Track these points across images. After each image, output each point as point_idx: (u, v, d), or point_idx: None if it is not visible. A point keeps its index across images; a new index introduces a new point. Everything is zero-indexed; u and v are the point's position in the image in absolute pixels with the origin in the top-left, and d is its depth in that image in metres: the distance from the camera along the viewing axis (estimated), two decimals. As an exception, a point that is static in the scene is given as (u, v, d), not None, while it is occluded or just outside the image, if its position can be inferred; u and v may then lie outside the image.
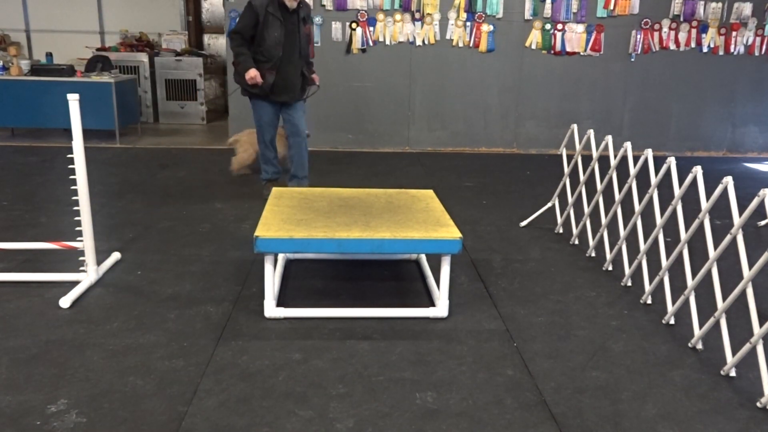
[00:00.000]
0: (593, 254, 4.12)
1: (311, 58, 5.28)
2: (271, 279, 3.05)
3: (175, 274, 3.62)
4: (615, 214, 3.83)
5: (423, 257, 3.81)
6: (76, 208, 3.40)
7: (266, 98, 4.83)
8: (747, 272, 2.58)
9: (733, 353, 2.67)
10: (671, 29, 7.70)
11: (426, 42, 7.59)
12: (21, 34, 10.32)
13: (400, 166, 6.89)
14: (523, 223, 4.76)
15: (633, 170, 3.58)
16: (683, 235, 3.08)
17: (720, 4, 7.67)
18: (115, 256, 3.77)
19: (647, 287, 3.39)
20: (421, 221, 3.18)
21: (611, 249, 3.90)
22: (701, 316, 3.01)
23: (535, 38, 7.64)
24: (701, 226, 2.95)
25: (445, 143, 7.93)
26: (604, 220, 3.94)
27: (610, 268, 3.88)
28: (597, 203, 4.06)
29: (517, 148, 8.01)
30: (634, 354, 2.85)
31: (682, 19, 7.69)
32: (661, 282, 3.28)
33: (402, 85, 7.72)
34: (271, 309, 3.08)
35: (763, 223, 4.84)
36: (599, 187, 3.95)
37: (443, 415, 2.35)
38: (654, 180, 3.38)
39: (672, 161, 3.27)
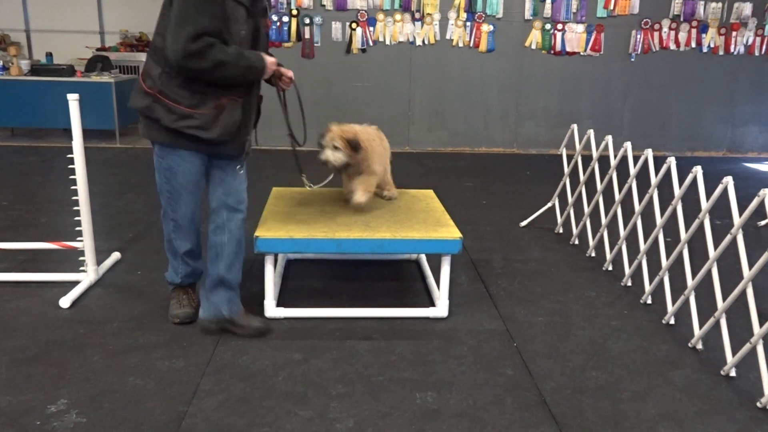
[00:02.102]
0: (593, 254, 4.11)
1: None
2: (271, 279, 3.05)
3: (175, 274, 3.61)
4: (615, 214, 3.83)
5: (423, 257, 3.81)
6: (76, 208, 3.40)
7: (205, 146, 2.70)
8: (747, 272, 2.58)
9: (733, 353, 2.67)
10: (671, 29, 7.70)
11: (426, 42, 7.59)
12: (21, 34, 10.32)
13: (400, 166, 6.87)
14: (523, 223, 4.76)
15: (633, 170, 3.58)
16: (683, 235, 3.08)
17: (720, 4, 7.67)
18: (115, 256, 3.77)
19: (647, 287, 3.39)
20: (421, 221, 3.18)
21: (611, 249, 3.90)
22: (701, 316, 3.00)
23: (535, 38, 7.64)
24: (701, 226, 2.95)
25: (445, 143, 7.93)
26: (604, 220, 3.94)
27: (610, 268, 3.88)
28: (597, 203, 4.05)
29: (517, 148, 8.01)
30: (634, 354, 2.85)
31: (682, 19, 7.69)
32: (661, 282, 3.28)
33: (402, 85, 7.72)
34: (271, 309, 3.07)
35: (763, 223, 4.84)
36: (599, 187, 3.95)
37: (443, 415, 2.35)
38: (654, 180, 3.37)
39: (672, 161, 3.27)
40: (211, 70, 2.52)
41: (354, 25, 7.46)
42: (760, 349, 2.53)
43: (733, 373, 2.67)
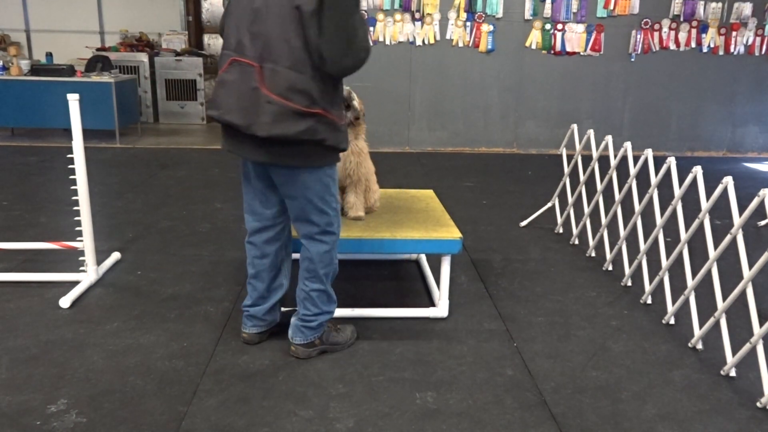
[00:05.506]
0: (593, 254, 4.11)
1: None
2: (271, 279, 3.05)
3: (175, 274, 3.62)
4: (615, 214, 3.83)
5: (423, 257, 3.81)
6: (76, 208, 3.40)
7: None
8: (747, 272, 2.58)
9: (733, 353, 2.67)
10: (671, 29, 7.70)
11: (426, 42, 7.59)
12: (21, 34, 10.32)
13: (400, 166, 6.88)
14: (523, 223, 4.76)
15: (633, 170, 3.58)
16: (683, 235, 3.08)
17: (720, 4, 7.67)
18: (115, 256, 3.77)
19: (647, 287, 3.39)
20: (421, 221, 3.18)
21: (611, 249, 3.90)
22: (701, 316, 3.01)
23: (535, 38, 7.64)
24: (701, 226, 2.95)
25: (445, 143, 7.93)
26: (604, 220, 3.94)
27: (610, 268, 3.88)
28: (597, 203, 4.05)
29: (517, 148, 8.01)
30: (634, 354, 2.85)
31: (682, 19, 7.69)
32: (661, 282, 3.28)
33: (402, 85, 7.72)
34: (271, 309, 3.07)
35: (763, 223, 4.84)
36: (599, 187, 3.95)
37: (443, 415, 2.35)
38: (654, 180, 3.38)
39: (672, 161, 3.27)
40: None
41: (354, 25, 7.46)
42: (760, 349, 2.53)
43: (733, 373, 2.67)
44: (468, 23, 7.56)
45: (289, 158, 2.38)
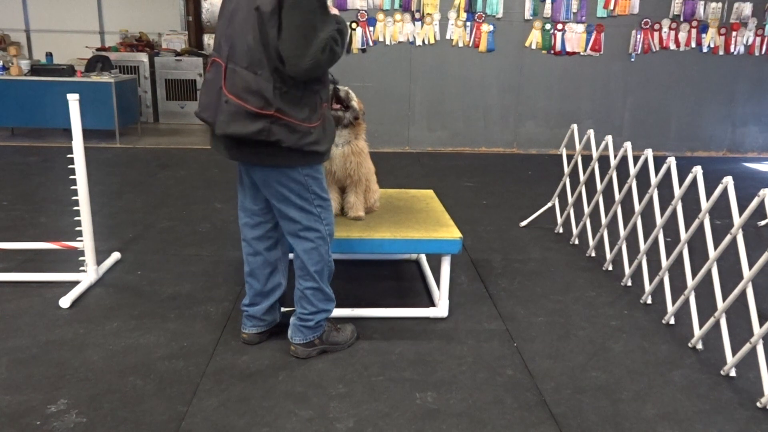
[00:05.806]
0: (593, 254, 4.11)
1: None
2: (271, 279, 3.05)
3: (175, 274, 3.62)
4: (615, 214, 3.83)
5: (423, 257, 3.81)
6: (76, 208, 3.40)
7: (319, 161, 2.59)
8: (747, 272, 2.58)
9: (733, 353, 2.67)
10: (671, 29, 7.70)
11: (426, 42, 7.59)
12: (21, 34, 10.33)
13: (400, 166, 6.88)
14: (523, 223, 4.76)
15: (633, 170, 3.58)
16: (683, 235, 3.08)
17: (720, 4, 7.67)
18: (115, 256, 3.77)
19: (647, 287, 3.39)
20: (421, 221, 3.18)
21: (611, 249, 3.90)
22: (701, 316, 3.01)
23: (535, 38, 7.64)
24: (701, 226, 2.95)
25: (445, 143, 7.93)
26: (604, 220, 3.94)
27: (610, 268, 3.88)
28: (597, 203, 4.05)
29: (517, 148, 8.01)
30: (634, 354, 2.85)
31: (682, 19, 7.69)
32: (661, 282, 3.28)
33: (402, 85, 7.72)
34: (271, 309, 3.07)
35: (763, 223, 4.84)
36: (599, 187, 3.95)
37: (443, 415, 2.35)
38: (654, 180, 3.37)
39: (672, 161, 3.27)
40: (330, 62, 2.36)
41: (354, 25, 7.46)
42: (760, 349, 2.53)
43: (733, 373, 2.67)
44: (468, 23, 7.56)
45: (255, 157, 2.41)
